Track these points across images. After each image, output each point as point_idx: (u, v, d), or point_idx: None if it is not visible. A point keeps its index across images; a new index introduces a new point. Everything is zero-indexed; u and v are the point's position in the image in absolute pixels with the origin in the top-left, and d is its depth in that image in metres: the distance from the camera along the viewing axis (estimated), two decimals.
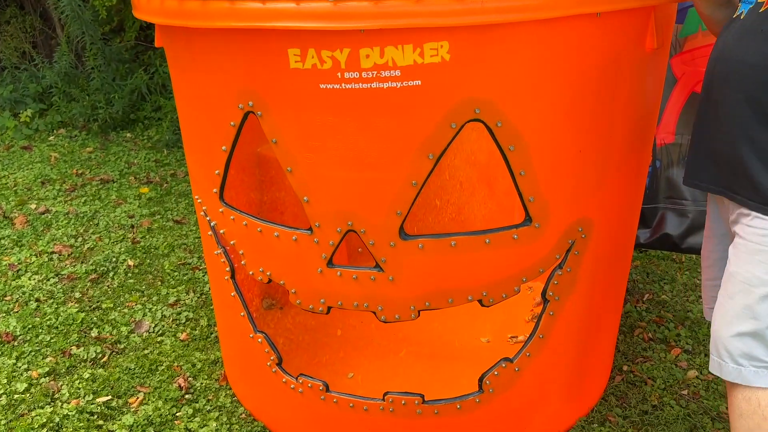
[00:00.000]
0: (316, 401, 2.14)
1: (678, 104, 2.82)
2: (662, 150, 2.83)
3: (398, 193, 1.75)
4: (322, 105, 1.67)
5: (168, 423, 2.43)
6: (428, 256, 1.83)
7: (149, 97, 5.92)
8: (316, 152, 1.74)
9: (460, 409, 2.07)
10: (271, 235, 1.93)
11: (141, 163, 5.08)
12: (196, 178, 2.19)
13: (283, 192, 2.71)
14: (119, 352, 2.86)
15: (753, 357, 1.75)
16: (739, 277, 1.76)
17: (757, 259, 1.69)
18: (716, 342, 1.84)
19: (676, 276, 3.35)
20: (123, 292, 3.31)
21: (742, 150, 1.68)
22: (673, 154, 2.83)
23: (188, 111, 2.06)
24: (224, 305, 2.34)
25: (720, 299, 1.84)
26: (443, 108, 1.64)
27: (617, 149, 1.92)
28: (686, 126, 2.75)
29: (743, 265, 1.74)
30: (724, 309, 1.81)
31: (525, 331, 2.78)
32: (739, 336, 1.76)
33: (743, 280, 1.74)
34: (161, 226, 4.04)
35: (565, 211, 1.89)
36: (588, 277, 2.05)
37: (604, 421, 2.37)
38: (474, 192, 2.75)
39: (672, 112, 2.84)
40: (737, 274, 1.77)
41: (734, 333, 1.77)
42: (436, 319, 2.65)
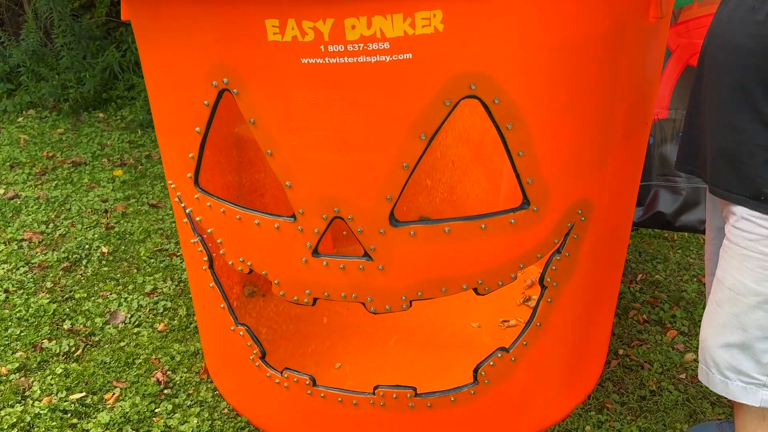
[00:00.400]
0: (303, 396, 2.03)
1: (672, 78, 2.72)
2: (655, 126, 2.73)
3: (388, 177, 1.62)
4: (304, 81, 1.53)
5: (146, 420, 2.31)
6: (420, 244, 1.71)
7: (122, 75, 5.70)
8: (298, 133, 1.61)
9: (454, 402, 1.98)
10: (251, 223, 1.80)
11: (114, 145, 4.89)
12: (169, 162, 2.04)
13: (263, 174, 2.57)
14: (94, 345, 2.72)
15: (741, 372, 1.66)
16: (726, 284, 1.66)
17: (745, 266, 1.58)
18: (703, 351, 1.75)
19: (669, 255, 3.27)
20: (97, 280, 3.16)
21: (724, 139, 1.57)
22: (666, 130, 2.73)
23: (158, 90, 1.90)
24: (203, 296, 2.21)
25: (708, 305, 1.75)
26: (436, 84, 1.51)
27: (619, 126, 1.81)
28: (680, 100, 2.65)
29: (730, 271, 1.64)
30: (711, 316, 1.71)
31: (516, 315, 2.70)
32: (726, 347, 1.67)
33: (730, 287, 1.64)
34: (136, 210, 3.88)
35: (564, 193, 1.78)
36: (587, 262, 1.95)
37: (602, 409, 2.29)
38: (467, 171, 2.62)
39: (666, 86, 2.74)
40: (724, 280, 1.66)
41: (721, 344, 1.68)
42: (425, 304, 2.55)
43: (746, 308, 1.61)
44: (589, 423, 2.23)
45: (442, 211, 2.73)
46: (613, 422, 2.23)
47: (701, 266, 3.15)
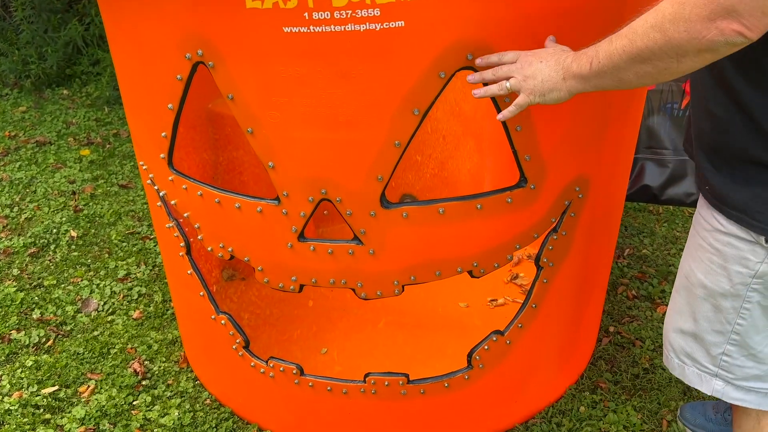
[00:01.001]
0: (290, 385, 1.94)
1: None
2: None
3: (379, 156, 1.52)
4: (287, 52, 1.41)
5: (124, 413, 2.20)
6: (413, 226, 1.61)
7: (86, 49, 5.44)
8: (281, 109, 1.49)
9: (448, 388, 1.90)
10: (231, 206, 1.68)
11: (80, 123, 4.68)
12: (140, 142, 1.91)
13: (242, 151, 2.44)
14: (65, 335, 2.59)
15: (694, 359, 1.62)
16: (682, 270, 1.62)
17: (699, 256, 1.53)
18: (664, 333, 1.72)
19: (655, 228, 3.23)
20: (66, 266, 3.02)
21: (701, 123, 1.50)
22: (653, 102, 2.66)
23: (126, 64, 1.76)
24: (180, 284, 2.09)
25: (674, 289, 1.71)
26: (431, 54, 1.40)
27: (618, 97, 1.72)
28: None
29: (687, 258, 1.59)
30: (671, 301, 1.68)
31: (504, 293, 2.63)
32: (681, 333, 1.63)
33: (685, 274, 1.60)
34: (105, 191, 3.71)
35: (562, 170, 1.69)
36: (583, 240, 1.88)
37: (596, 388, 2.25)
38: (458, 145, 2.52)
39: None
40: (682, 266, 1.63)
41: (677, 329, 1.65)
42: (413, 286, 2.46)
43: (696, 299, 1.57)
44: (583, 403, 2.18)
45: (432, 187, 2.63)
46: (608, 402, 2.19)
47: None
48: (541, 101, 1.34)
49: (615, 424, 2.10)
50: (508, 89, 1.35)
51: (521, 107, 1.36)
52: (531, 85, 1.33)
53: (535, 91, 1.33)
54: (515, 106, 1.36)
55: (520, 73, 1.34)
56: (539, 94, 1.33)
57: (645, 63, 1.18)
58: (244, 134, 2.25)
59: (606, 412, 2.14)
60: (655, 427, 2.09)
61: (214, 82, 1.53)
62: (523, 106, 1.36)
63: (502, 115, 1.39)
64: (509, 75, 1.35)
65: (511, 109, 1.37)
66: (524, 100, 1.35)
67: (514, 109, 1.37)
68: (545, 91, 1.33)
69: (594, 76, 1.26)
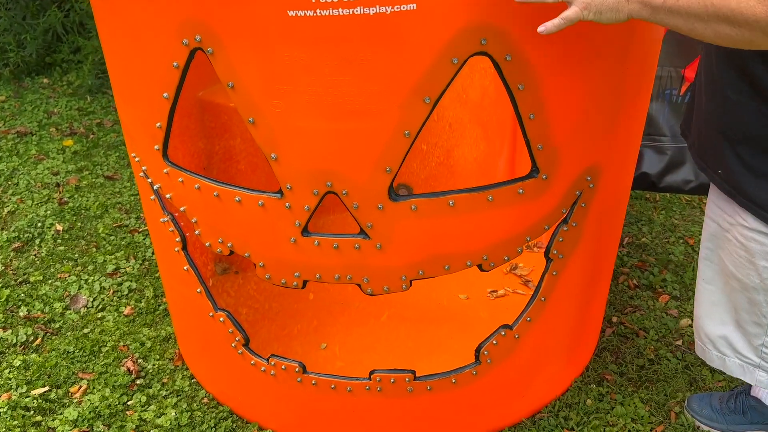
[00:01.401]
0: (292, 384, 1.88)
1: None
2: None
3: (387, 146, 1.45)
4: (292, 38, 1.33)
5: (119, 414, 2.13)
6: (422, 219, 1.55)
7: (66, 37, 5.29)
8: (285, 98, 1.41)
9: (455, 384, 1.85)
10: (231, 200, 1.61)
11: (62, 113, 4.54)
12: (132, 133, 1.82)
13: (239, 139, 2.36)
14: (54, 333, 2.50)
15: (736, 350, 1.59)
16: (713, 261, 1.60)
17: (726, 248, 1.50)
18: (698, 328, 1.69)
19: (653, 216, 3.20)
20: (53, 261, 2.92)
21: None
22: (653, 88, 2.62)
23: (117, 51, 1.67)
24: (175, 280, 2.01)
25: (698, 282, 1.67)
26: (443, 39, 1.33)
27: (631, 82, 1.67)
28: (666, 57, 2.53)
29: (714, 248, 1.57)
30: (702, 294, 1.64)
31: (504, 284, 2.58)
32: (721, 324, 1.61)
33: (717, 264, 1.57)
34: (91, 183, 3.60)
35: (574, 159, 1.64)
36: (592, 231, 1.83)
37: (601, 381, 2.21)
38: (464, 133, 2.45)
39: None
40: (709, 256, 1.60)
41: (715, 321, 1.62)
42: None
43: (732, 290, 1.53)
44: (589, 396, 2.14)
45: (437, 176, 2.56)
46: (614, 394, 2.15)
47: (686, 227, 3.08)
48: (595, 19, 1.20)
49: (623, 417, 2.06)
50: None
51: (570, 21, 1.21)
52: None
53: (592, 5, 1.19)
54: (562, 18, 1.22)
55: None
56: (595, 10, 1.19)
57: (732, 26, 1.07)
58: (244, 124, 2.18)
59: (613, 405, 2.11)
60: (664, 419, 2.06)
61: (204, 70, 1.46)
62: (573, 21, 1.21)
63: (545, 27, 1.23)
64: None
65: (556, 22, 1.22)
66: (575, 13, 1.20)
67: (560, 23, 1.22)
68: (603, 8, 1.19)
69: (664, 12, 1.14)
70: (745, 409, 1.94)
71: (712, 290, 1.59)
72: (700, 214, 3.21)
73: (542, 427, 2.04)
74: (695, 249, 2.92)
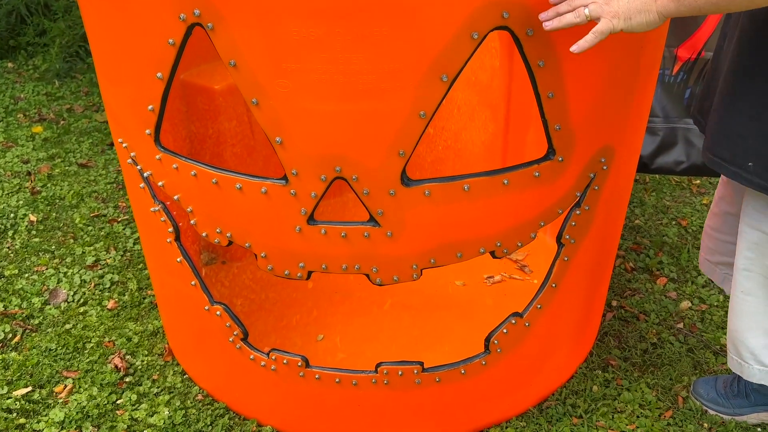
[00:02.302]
0: (294, 378, 1.80)
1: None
2: None
3: (402, 128, 1.36)
4: (302, 11, 1.24)
5: (108, 414, 2.02)
6: (436, 205, 1.47)
7: (30, 19, 5.06)
8: (292, 77, 1.32)
9: (464, 374, 1.79)
10: (231, 187, 1.51)
11: (29, 98, 4.34)
12: (119, 117, 1.70)
13: (226, 124, 2.24)
14: (34, 330, 2.37)
15: None
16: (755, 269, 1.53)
17: None
18: (735, 342, 1.63)
19: (645, 198, 3.18)
20: (28, 254, 2.78)
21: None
22: None
23: (103, 27, 1.55)
24: (166, 272, 1.91)
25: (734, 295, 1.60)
26: (464, 12, 1.25)
27: (647, 58, 1.61)
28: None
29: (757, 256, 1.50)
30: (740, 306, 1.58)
31: (500, 270, 2.52)
32: (764, 334, 1.54)
33: (762, 274, 1.50)
34: (64, 171, 3.45)
35: (590, 141, 1.57)
36: (603, 214, 1.78)
37: (606, 366, 2.17)
38: (473, 116, 2.36)
39: None
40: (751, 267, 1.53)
41: (758, 332, 1.56)
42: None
43: None
44: (595, 383, 2.10)
45: (444, 159, 2.48)
46: (620, 380, 2.12)
47: (678, 209, 3.07)
48: (626, 27, 1.18)
49: (630, 402, 2.03)
50: (586, 16, 1.19)
51: (603, 35, 1.20)
52: (614, 8, 1.17)
53: (620, 13, 1.17)
54: (594, 33, 1.20)
55: None
56: (624, 17, 1.17)
57: None
58: (231, 107, 2.06)
59: (620, 391, 2.07)
60: (672, 404, 2.03)
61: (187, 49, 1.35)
62: (605, 33, 1.19)
63: (578, 46, 1.22)
64: (587, 2, 1.19)
65: (589, 38, 1.20)
66: (606, 25, 1.19)
67: (593, 38, 1.20)
68: (632, 13, 1.17)
69: None
70: (748, 392, 1.93)
71: (753, 302, 1.52)
72: (690, 195, 3.19)
73: (550, 416, 1.99)
74: (688, 230, 2.90)
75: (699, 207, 3.08)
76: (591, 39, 1.21)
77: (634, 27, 1.19)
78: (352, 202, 2.59)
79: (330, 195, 2.57)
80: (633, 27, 1.20)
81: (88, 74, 4.64)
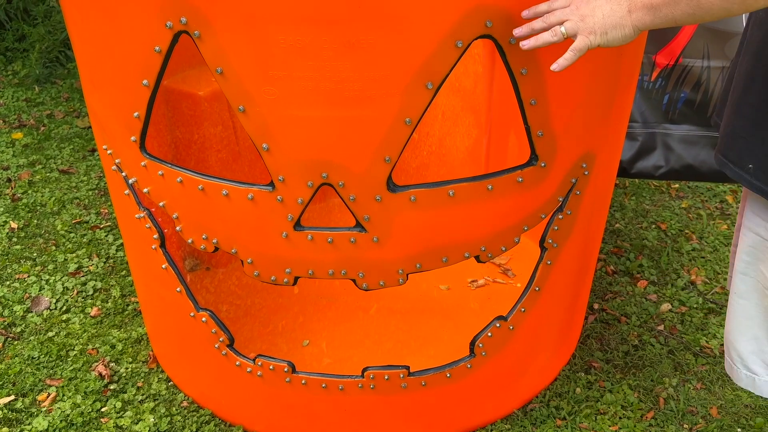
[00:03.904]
0: (280, 384, 1.80)
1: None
2: None
3: (387, 134, 1.38)
4: (288, 19, 1.25)
5: (93, 422, 2.01)
6: (421, 210, 1.49)
7: (9, 24, 5.01)
8: (279, 84, 1.33)
9: (450, 378, 1.81)
10: (217, 193, 1.52)
11: (8, 104, 4.30)
12: (104, 123, 1.70)
13: (212, 129, 2.24)
14: (16, 338, 2.35)
15: None
16: (749, 274, 1.52)
17: None
18: (728, 344, 1.62)
19: (624, 202, 3.22)
20: (9, 261, 2.75)
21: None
22: None
23: (88, 34, 1.55)
24: (151, 279, 1.90)
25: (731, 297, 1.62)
26: (448, 21, 1.27)
27: (627, 66, 1.64)
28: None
29: (753, 260, 1.49)
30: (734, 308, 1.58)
31: (483, 274, 2.55)
32: (754, 340, 1.55)
33: (755, 278, 1.50)
34: (45, 177, 3.42)
35: (572, 146, 1.60)
36: (585, 218, 1.81)
37: (589, 368, 2.20)
38: (457, 122, 2.39)
39: None
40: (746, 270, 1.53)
41: (748, 337, 1.55)
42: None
43: None
44: (578, 385, 2.13)
45: (428, 164, 2.50)
46: (603, 382, 2.15)
47: (657, 212, 3.12)
48: (603, 42, 1.20)
49: (613, 404, 2.06)
50: (563, 34, 1.21)
51: (581, 51, 1.21)
52: (590, 24, 1.18)
53: (596, 29, 1.19)
54: (573, 51, 1.21)
55: (575, 14, 1.20)
56: (600, 32, 1.19)
57: None
58: (214, 114, 2.07)
59: (602, 393, 2.10)
60: (653, 405, 2.07)
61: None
62: (583, 50, 1.21)
63: (558, 65, 1.23)
64: (563, 19, 1.21)
65: (568, 56, 1.22)
66: (583, 42, 1.20)
67: (572, 56, 1.22)
68: (607, 28, 1.19)
69: (666, 4, 1.13)
70: None
71: (747, 305, 1.53)
72: (669, 199, 3.25)
73: (535, 418, 2.02)
74: (668, 234, 2.95)
75: (678, 211, 3.13)
76: (570, 57, 1.23)
77: (610, 42, 1.22)
78: (337, 208, 2.60)
79: (315, 200, 2.58)
80: (610, 42, 1.22)
81: (68, 80, 4.60)
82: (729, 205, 3.18)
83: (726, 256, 2.79)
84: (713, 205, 3.17)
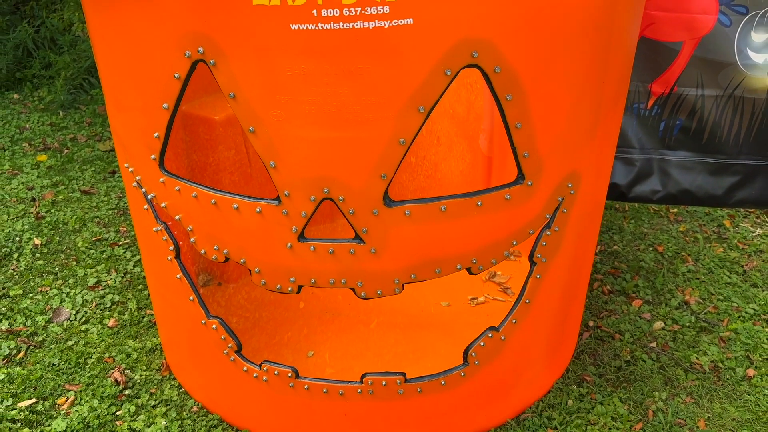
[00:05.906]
0: (284, 389, 1.91)
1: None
2: None
3: (383, 154, 1.51)
4: (294, 50, 1.40)
5: (108, 424, 2.13)
6: (416, 224, 1.62)
7: (36, 53, 5.26)
8: (285, 108, 1.47)
9: (444, 385, 1.91)
10: (228, 207, 1.65)
11: (34, 128, 4.51)
12: (126, 143, 1.85)
13: (226, 153, 2.39)
14: (38, 346, 2.49)
15: None
16: None
17: None
18: None
19: (623, 225, 3.32)
20: (33, 275, 2.90)
21: None
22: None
23: (114, 62, 1.71)
24: (166, 289, 2.03)
25: None
26: (438, 51, 1.41)
27: (609, 93, 1.77)
28: (634, 72, 2.66)
29: None
30: None
31: (484, 292, 2.66)
32: None
33: None
34: (67, 197, 3.59)
35: (557, 166, 1.72)
36: (573, 235, 1.92)
37: (581, 382, 2.29)
38: (452, 147, 2.53)
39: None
40: None
41: None
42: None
43: None
44: (571, 397, 2.22)
45: (426, 188, 2.64)
46: (594, 394, 2.24)
47: (655, 235, 3.21)
48: None
49: (603, 415, 2.14)
50: None
51: None
52: None
53: None
54: None
55: None
56: None
57: None
58: (229, 137, 2.22)
59: (594, 405, 2.19)
60: (642, 417, 2.15)
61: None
62: None
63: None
64: None
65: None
66: None
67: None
68: None
69: None
70: None
71: None
72: (667, 222, 3.34)
73: (527, 427, 2.10)
74: (664, 256, 3.04)
75: (675, 234, 3.22)
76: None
77: None
78: (341, 227, 2.73)
79: (321, 220, 2.72)
80: None
81: (91, 105, 4.81)
82: (726, 229, 3.26)
83: (720, 278, 2.88)
84: (710, 229, 3.26)
